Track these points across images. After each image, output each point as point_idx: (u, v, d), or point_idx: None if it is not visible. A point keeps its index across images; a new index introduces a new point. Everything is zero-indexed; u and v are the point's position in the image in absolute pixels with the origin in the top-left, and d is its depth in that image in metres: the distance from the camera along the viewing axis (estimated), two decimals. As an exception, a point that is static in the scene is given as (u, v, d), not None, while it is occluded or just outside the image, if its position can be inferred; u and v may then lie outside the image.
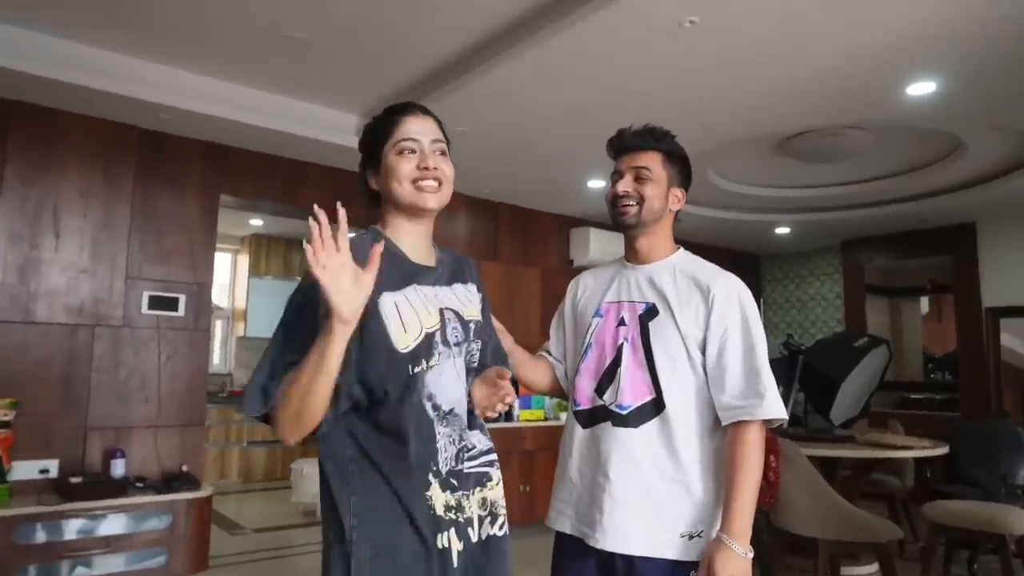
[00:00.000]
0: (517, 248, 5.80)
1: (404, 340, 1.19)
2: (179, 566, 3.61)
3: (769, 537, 3.96)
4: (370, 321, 1.16)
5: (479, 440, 1.27)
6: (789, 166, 5.03)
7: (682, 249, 1.68)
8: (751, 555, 1.41)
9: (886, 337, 5.67)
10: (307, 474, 5.47)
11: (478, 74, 3.35)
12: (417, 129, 1.30)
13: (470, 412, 1.27)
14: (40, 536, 3.25)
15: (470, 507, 1.23)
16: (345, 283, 1.05)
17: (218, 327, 7.57)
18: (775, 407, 1.46)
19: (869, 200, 5.86)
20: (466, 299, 1.36)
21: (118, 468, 3.64)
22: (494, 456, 1.30)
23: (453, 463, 1.21)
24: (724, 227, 6.53)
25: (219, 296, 7.49)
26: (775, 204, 6.00)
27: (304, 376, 1.08)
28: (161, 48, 3.41)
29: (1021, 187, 5.10)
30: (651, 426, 1.51)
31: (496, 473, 1.29)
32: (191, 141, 4.17)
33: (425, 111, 1.34)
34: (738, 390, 1.48)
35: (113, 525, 3.44)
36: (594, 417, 1.57)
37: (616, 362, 1.56)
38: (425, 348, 1.21)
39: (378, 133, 1.33)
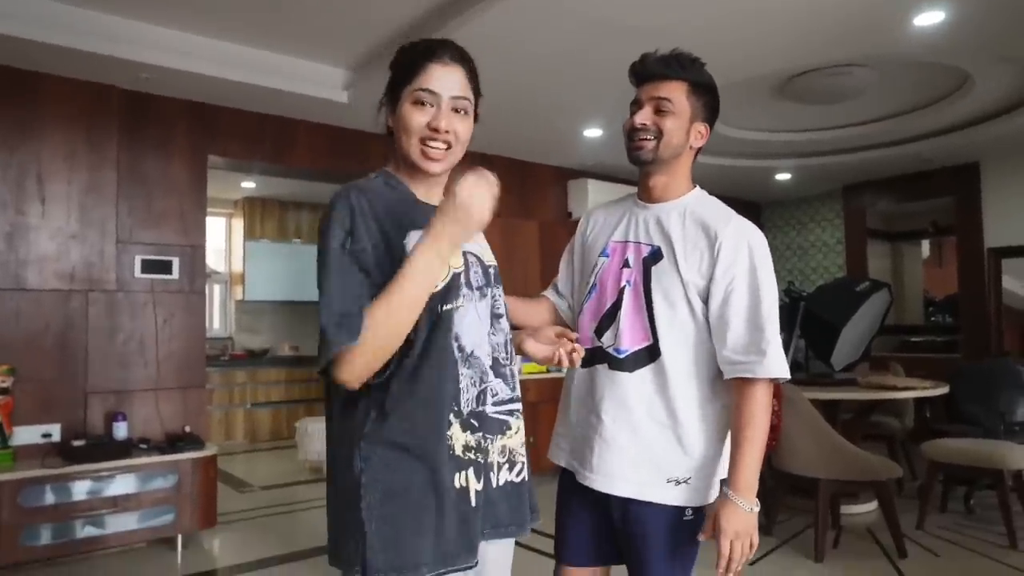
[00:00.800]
0: (514, 201, 5.74)
1: None
2: (188, 523, 3.66)
3: (771, 480, 4.00)
4: (400, 259, 1.14)
5: (502, 388, 1.26)
6: (790, 109, 4.93)
7: (698, 189, 1.59)
8: (757, 509, 1.41)
9: (887, 281, 5.64)
10: (312, 432, 5.51)
11: (467, 18, 3.24)
12: (440, 81, 1.23)
13: (495, 359, 1.27)
14: (48, 498, 3.29)
15: (493, 452, 1.24)
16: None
17: (216, 291, 7.56)
18: (777, 365, 1.42)
19: (872, 142, 5.77)
20: (484, 245, 1.36)
21: (120, 431, 3.66)
22: (517, 405, 1.30)
23: (474, 404, 1.21)
24: (724, 174, 6.44)
25: (215, 261, 7.46)
26: (776, 149, 5.90)
27: (400, 295, 1.10)
28: (136, 3, 3.29)
29: (1027, 123, 5.01)
30: (646, 372, 1.49)
31: (516, 422, 1.29)
32: (175, 101, 4.08)
33: (458, 58, 1.26)
34: (740, 345, 1.43)
35: (120, 485, 3.47)
36: (592, 358, 1.56)
37: (617, 305, 1.53)
38: (453, 288, 1.20)
39: (403, 68, 1.26)
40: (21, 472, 3.25)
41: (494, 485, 1.24)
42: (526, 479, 1.31)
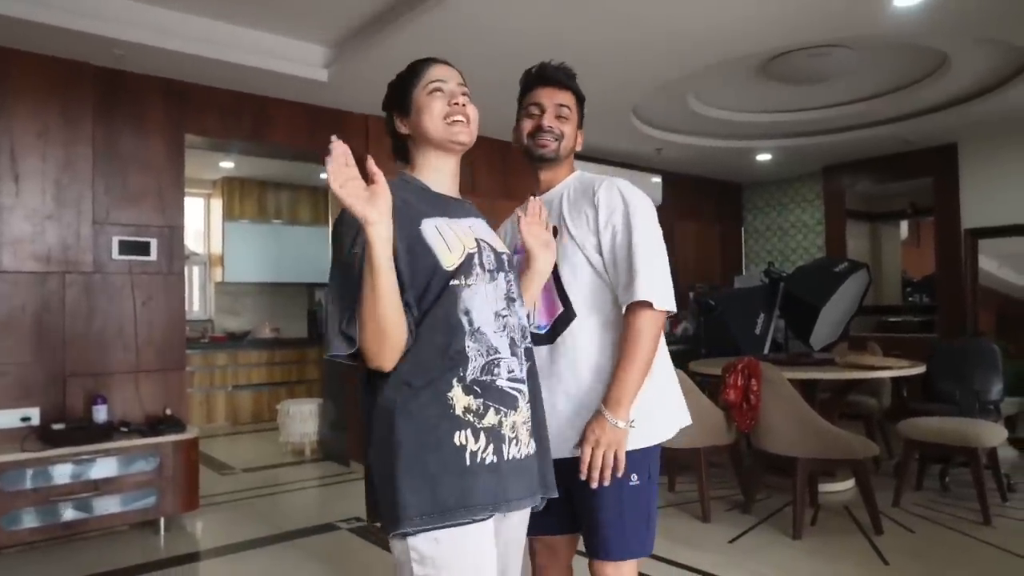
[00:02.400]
0: (496, 181, 5.71)
1: (450, 259, 1.30)
2: (170, 506, 3.64)
3: (750, 459, 4.06)
4: (416, 247, 1.28)
5: (516, 366, 1.35)
6: (771, 90, 4.93)
7: (578, 171, 1.78)
8: (624, 425, 1.50)
9: (866, 262, 5.70)
10: (293, 414, 5.50)
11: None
12: (444, 74, 1.43)
13: (512, 340, 1.36)
14: (29, 482, 3.26)
15: (505, 426, 1.30)
16: (360, 191, 1.16)
17: (195, 273, 7.47)
18: (645, 287, 1.50)
19: (852, 123, 5.79)
20: (494, 234, 1.50)
21: (100, 414, 3.62)
22: (527, 386, 1.37)
23: (478, 374, 1.29)
24: (705, 155, 6.45)
25: (194, 242, 7.36)
26: (757, 130, 5.91)
27: (366, 291, 1.19)
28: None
29: (1004, 105, 5.06)
30: (565, 337, 1.62)
31: (521, 400, 1.35)
32: (150, 78, 3.99)
33: (449, 63, 1.47)
34: (623, 281, 1.56)
35: (101, 469, 3.44)
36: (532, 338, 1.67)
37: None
38: (466, 266, 1.32)
39: (407, 79, 1.44)
40: (0, 456, 3.21)
41: (506, 458, 1.30)
42: (533, 454, 1.36)
